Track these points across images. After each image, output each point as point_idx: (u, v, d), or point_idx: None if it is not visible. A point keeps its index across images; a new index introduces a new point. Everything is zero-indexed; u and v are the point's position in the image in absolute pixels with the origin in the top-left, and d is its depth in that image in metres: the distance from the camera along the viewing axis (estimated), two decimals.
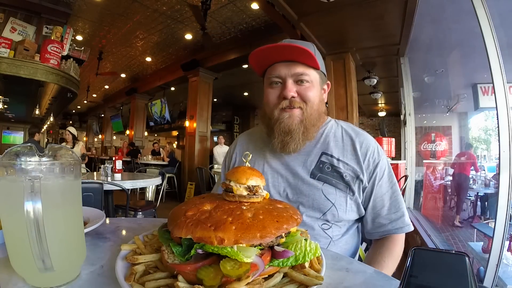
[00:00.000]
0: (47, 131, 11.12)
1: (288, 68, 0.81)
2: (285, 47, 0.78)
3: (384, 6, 3.09)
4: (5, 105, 6.05)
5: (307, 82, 0.82)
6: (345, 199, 0.82)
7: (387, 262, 0.78)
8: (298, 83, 0.82)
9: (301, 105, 0.82)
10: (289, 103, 0.81)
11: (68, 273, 0.45)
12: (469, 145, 3.96)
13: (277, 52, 0.80)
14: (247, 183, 0.50)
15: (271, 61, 0.84)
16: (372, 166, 0.84)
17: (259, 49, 0.79)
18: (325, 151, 0.86)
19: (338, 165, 0.83)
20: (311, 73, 0.82)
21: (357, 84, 4.51)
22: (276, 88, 0.84)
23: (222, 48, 5.83)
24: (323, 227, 0.82)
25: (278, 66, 0.82)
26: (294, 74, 0.81)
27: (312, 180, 0.83)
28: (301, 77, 0.81)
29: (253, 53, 0.81)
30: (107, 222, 0.81)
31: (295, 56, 0.80)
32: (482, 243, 2.50)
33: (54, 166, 0.43)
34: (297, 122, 0.82)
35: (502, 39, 1.83)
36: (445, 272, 0.28)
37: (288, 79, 0.81)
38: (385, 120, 9.16)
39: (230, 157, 1.03)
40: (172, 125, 9.96)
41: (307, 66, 0.81)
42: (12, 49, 3.76)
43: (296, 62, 0.80)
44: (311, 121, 0.83)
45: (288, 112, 0.82)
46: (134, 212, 2.83)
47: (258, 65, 0.87)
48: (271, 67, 0.84)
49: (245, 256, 0.39)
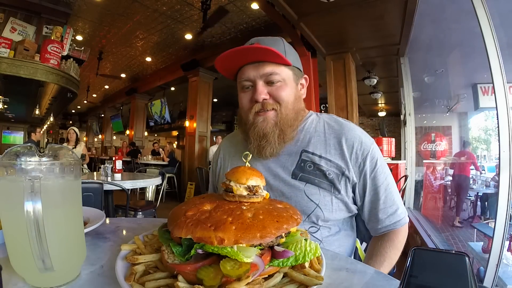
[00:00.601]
0: (47, 131, 11.12)
1: (257, 70, 0.77)
2: (249, 49, 0.74)
3: (384, 6, 3.09)
4: (5, 105, 6.06)
5: (278, 82, 0.78)
6: (330, 198, 0.78)
7: (389, 253, 0.76)
8: (269, 84, 0.78)
9: (274, 106, 0.78)
10: (261, 106, 0.78)
11: (68, 273, 0.45)
12: (467, 143, 3.95)
13: (242, 55, 0.76)
14: (247, 183, 0.50)
15: (239, 65, 0.80)
16: (361, 159, 0.79)
17: (223, 54, 0.75)
18: (305, 148, 0.81)
19: (320, 163, 0.78)
20: (282, 71, 0.78)
21: (357, 84, 4.51)
22: (248, 91, 0.80)
23: (222, 48, 5.81)
24: (310, 230, 0.79)
25: (247, 68, 0.78)
26: (264, 75, 0.77)
27: (294, 181, 0.79)
28: (271, 77, 0.77)
29: (218, 60, 0.77)
30: (107, 222, 0.81)
31: (261, 57, 0.76)
32: (482, 243, 2.50)
33: (54, 166, 0.43)
34: (272, 125, 0.78)
35: (502, 39, 1.82)
36: (445, 272, 0.28)
37: (258, 81, 0.77)
38: (385, 120, 9.17)
39: (216, 162, 1.00)
40: (172, 125, 9.97)
41: (277, 64, 0.77)
42: (12, 49, 3.76)
43: (265, 62, 0.76)
44: (287, 121, 0.79)
45: (262, 115, 0.78)
46: (134, 212, 2.83)
47: (227, 70, 0.83)
48: (240, 70, 0.80)
49: (245, 256, 0.39)
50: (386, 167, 0.82)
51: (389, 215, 0.79)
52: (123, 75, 8.28)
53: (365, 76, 5.48)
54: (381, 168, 0.80)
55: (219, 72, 0.84)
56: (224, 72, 0.84)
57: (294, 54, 0.84)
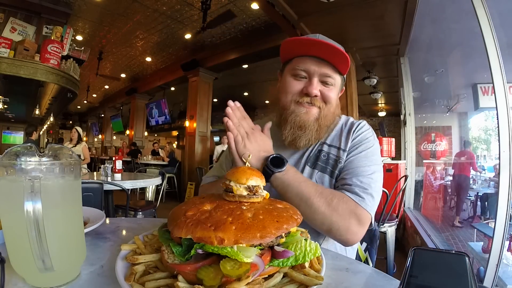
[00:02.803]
0: (47, 131, 11.12)
1: (318, 66, 0.79)
2: (326, 45, 0.75)
3: (384, 6, 3.09)
4: (5, 105, 6.06)
5: (331, 85, 0.81)
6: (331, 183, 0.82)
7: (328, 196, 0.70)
8: (322, 83, 0.81)
9: (320, 104, 0.81)
10: (310, 100, 0.81)
11: (68, 273, 0.45)
12: (468, 143, 3.94)
13: (314, 46, 0.78)
14: (247, 183, 0.50)
15: (302, 53, 0.81)
16: (351, 145, 0.83)
17: (296, 38, 0.79)
18: (324, 141, 0.87)
19: (330, 151, 0.84)
20: (336, 77, 0.81)
21: (357, 84, 4.51)
22: (301, 81, 0.82)
23: (222, 48, 5.82)
24: None
25: (308, 60, 0.79)
26: (322, 74, 0.79)
27: (308, 168, 0.84)
28: (327, 79, 0.80)
29: (287, 41, 0.80)
30: (107, 222, 0.81)
31: (329, 55, 0.78)
32: (482, 243, 2.50)
33: (54, 166, 0.43)
34: (313, 119, 0.81)
35: (502, 39, 1.82)
36: (445, 272, 0.28)
37: (315, 77, 0.80)
38: (385, 120, 9.17)
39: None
40: (172, 125, 9.97)
41: (334, 68, 0.80)
42: (12, 49, 3.76)
43: (326, 62, 0.78)
44: (326, 121, 0.83)
45: (307, 108, 0.81)
46: (134, 212, 2.83)
47: (288, 52, 0.85)
48: (299, 58, 0.81)
49: (245, 256, 0.39)
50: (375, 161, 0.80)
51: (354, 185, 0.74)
52: (123, 75, 8.28)
53: (365, 76, 5.48)
54: (367, 157, 0.80)
55: (281, 50, 0.85)
56: (285, 52, 0.86)
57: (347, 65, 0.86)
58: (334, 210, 0.69)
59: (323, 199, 0.69)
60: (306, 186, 0.70)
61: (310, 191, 0.70)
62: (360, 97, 5.15)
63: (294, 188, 0.70)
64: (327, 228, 0.69)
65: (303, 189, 0.70)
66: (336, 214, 0.68)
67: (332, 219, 0.68)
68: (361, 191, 0.72)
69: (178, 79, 7.17)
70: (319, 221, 0.69)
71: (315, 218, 0.69)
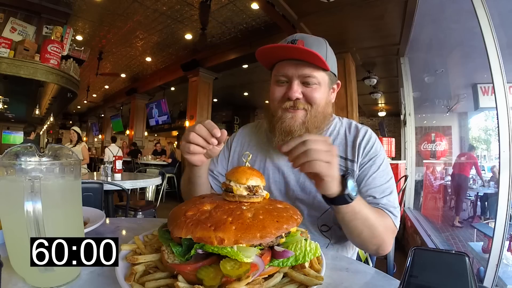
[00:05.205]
0: (47, 131, 11.12)
1: (296, 69, 0.77)
2: (294, 48, 0.75)
3: (384, 6, 3.09)
4: (5, 105, 6.06)
5: (314, 84, 0.79)
6: None
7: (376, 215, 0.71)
8: (304, 84, 0.79)
9: (305, 106, 0.79)
10: (293, 104, 0.79)
11: (68, 273, 0.45)
12: (471, 147, 3.89)
13: (285, 51, 0.78)
14: (247, 183, 0.50)
15: (279, 58, 0.81)
16: (367, 159, 0.81)
17: (266, 47, 0.77)
18: None
19: (340, 163, 0.81)
20: (320, 75, 0.79)
21: (357, 84, 4.51)
22: (282, 86, 0.81)
23: (222, 48, 5.82)
24: (322, 228, 0.81)
25: (286, 64, 0.79)
26: (301, 75, 0.78)
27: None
28: (308, 79, 0.78)
29: (260, 50, 0.78)
30: (107, 222, 0.81)
31: (303, 57, 0.77)
32: (482, 243, 2.50)
33: (54, 166, 0.43)
34: (299, 123, 0.79)
35: (502, 39, 1.82)
36: (445, 272, 0.28)
37: (294, 80, 0.78)
38: (385, 120, 9.17)
39: (229, 147, 0.99)
40: (172, 125, 9.96)
41: (316, 66, 0.78)
42: (12, 49, 3.76)
43: (305, 62, 0.77)
44: (314, 123, 0.80)
45: (291, 112, 0.80)
46: (134, 212, 2.83)
47: (266, 61, 0.85)
48: (279, 64, 0.81)
49: (245, 256, 0.39)
50: (390, 175, 0.82)
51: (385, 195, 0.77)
52: (123, 75, 8.28)
53: (365, 76, 5.48)
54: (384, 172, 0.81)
55: (258, 61, 0.84)
56: (262, 62, 0.86)
57: (334, 59, 0.84)
58: (386, 230, 0.72)
59: (378, 221, 0.70)
60: (369, 210, 0.68)
61: (372, 216, 0.68)
62: (360, 97, 5.15)
63: (363, 215, 0.66)
64: (376, 247, 0.72)
65: (369, 215, 0.67)
66: (386, 233, 0.72)
67: (384, 238, 0.71)
68: (393, 210, 0.75)
69: (178, 79, 7.17)
70: (374, 241, 0.70)
71: (372, 241, 0.70)
